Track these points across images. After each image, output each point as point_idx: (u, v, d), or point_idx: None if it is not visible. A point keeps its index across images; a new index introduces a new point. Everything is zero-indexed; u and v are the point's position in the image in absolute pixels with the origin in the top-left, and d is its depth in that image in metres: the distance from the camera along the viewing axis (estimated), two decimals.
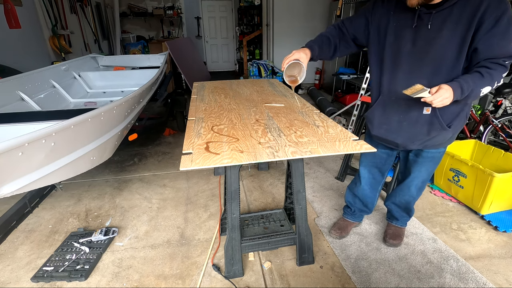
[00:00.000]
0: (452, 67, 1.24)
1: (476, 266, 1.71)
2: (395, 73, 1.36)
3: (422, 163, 1.58)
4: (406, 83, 1.30)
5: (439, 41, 1.22)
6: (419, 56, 1.28)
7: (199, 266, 1.73)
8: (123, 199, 2.43)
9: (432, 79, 1.27)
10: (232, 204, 1.50)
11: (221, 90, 2.44)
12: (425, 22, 1.23)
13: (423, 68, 1.28)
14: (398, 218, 1.89)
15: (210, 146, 1.32)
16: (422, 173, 1.61)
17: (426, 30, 1.23)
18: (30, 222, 2.14)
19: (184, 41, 5.62)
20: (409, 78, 1.31)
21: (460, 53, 1.20)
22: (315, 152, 1.24)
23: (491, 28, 1.12)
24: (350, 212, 1.98)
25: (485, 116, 2.95)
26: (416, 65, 1.29)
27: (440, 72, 1.26)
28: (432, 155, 1.54)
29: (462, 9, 1.15)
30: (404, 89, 1.22)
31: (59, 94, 2.94)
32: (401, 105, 1.39)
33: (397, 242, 1.86)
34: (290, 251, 1.83)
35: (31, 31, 3.82)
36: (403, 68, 1.33)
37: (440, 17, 1.20)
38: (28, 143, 1.34)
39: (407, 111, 1.38)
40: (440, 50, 1.23)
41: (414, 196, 1.74)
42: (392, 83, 1.39)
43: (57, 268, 1.69)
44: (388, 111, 1.45)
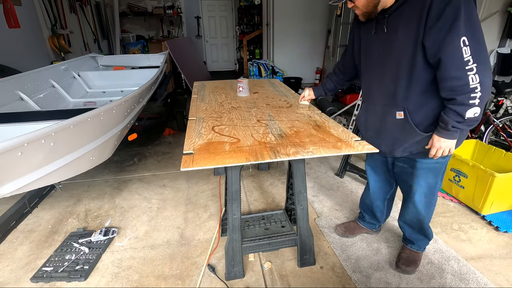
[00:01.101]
0: (410, 68, 1.21)
1: (477, 267, 1.71)
2: (370, 80, 1.42)
3: (419, 175, 1.46)
4: (379, 88, 1.37)
5: (395, 43, 1.22)
6: (383, 61, 1.30)
7: (199, 267, 1.72)
8: (123, 199, 2.42)
9: (397, 82, 1.27)
10: (233, 204, 1.50)
11: (222, 89, 2.44)
12: (382, 27, 1.25)
13: (389, 72, 1.30)
14: (414, 242, 1.70)
15: (211, 146, 1.31)
16: (422, 186, 1.48)
17: (384, 34, 1.25)
18: (30, 222, 2.14)
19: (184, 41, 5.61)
20: (380, 83, 1.35)
21: (415, 52, 1.17)
22: (317, 152, 1.24)
23: (435, 22, 1.06)
24: (361, 217, 1.95)
25: (486, 116, 2.94)
26: (383, 70, 1.32)
27: (402, 75, 1.24)
28: (427, 166, 1.42)
29: (412, 6, 1.13)
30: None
31: (59, 94, 2.93)
32: (379, 111, 1.41)
33: (410, 269, 1.64)
34: (291, 251, 1.82)
35: (30, 31, 3.81)
36: (374, 75, 1.38)
37: (394, 19, 1.20)
38: (28, 143, 1.33)
39: (384, 116, 1.39)
40: (398, 52, 1.22)
41: (423, 214, 1.55)
42: (369, 89, 1.45)
43: (57, 269, 1.68)
44: (370, 117, 1.48)
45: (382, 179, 1.72)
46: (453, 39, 1.05)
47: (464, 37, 1.03)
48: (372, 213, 1.86)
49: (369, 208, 1.86)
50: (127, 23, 7.21)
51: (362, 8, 1.24)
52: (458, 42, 1.04)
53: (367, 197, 1.84)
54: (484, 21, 3.27)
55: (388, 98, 1.34)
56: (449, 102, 1.16)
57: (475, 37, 1.05)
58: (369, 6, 1.22)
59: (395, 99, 1.31)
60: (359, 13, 1.28)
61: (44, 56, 4.10)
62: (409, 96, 1.26)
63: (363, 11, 1.25)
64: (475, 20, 1.05)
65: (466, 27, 1.03)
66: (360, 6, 1.24)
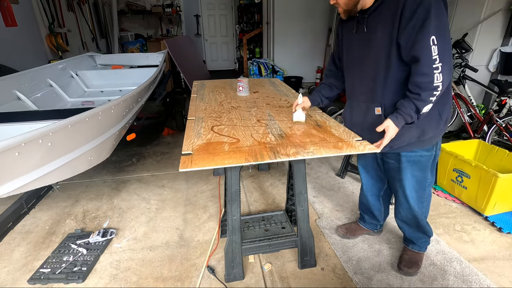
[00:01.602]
0: (386, 67, 1.28)
1: (480, 268, 1.71)
2: (352, 78, 1.49)
3: (405, 168, 1.49)
4: (360, 86, 1.43)
5: (374, 43, 1.28)
6: (363, 59, 1.36)
7: (198, 268, 1.72)
8: (121, 200, 2.42)
9: (375, 80, 1.34)
10: (232, 205, 1.50)
11: (222, 89, 2.44)
12: (362, 26, 1.31)
13: (368, 71, 1.36)
14: (415, 241, 1.71)
15: (210, 146, 1.31)
16: (410, 180, 1.51)
17: (364, 33, 1.31)
18: (27, 223, 2.14)
19: (183, 40, 5.61)
20: (361, 81, 1.41)
21: (390, 51, 1.23)
22: (318, 152, 1.24)
23: (408, 21, 1.13)
24: (361, 218, 1.97)
25: (489, 115, 2.94)
26: (363, 68, 1.38)
27: (380, 73, 1.31)
28: (412, 159, 1.46)
29: (388, 6, 1.19)
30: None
31: (56, 93, 2.93)
32: (361, 108, 1.47)
33: (413, 270, 1.65)
34: (291, 253, 1.82)
35: (27, 29, 3.81)
36: (356, 73, 1.44)
37: (372, 19, 1.26)
38: (25, 143, 1.33)
39: (365, 112, 1.44)
40: (376, 51, 1.29)
41: (416, 210, 1.57)
42: (351, 87, 1.51)
43: (54, 270, 1.68)
44: (354, 114, 1.53)
45: (373, 176, 1.76)
46: (424, 37, 1.11)
47: (433, 36, 1.10)
48: (370, 213, 1.88)
49: (366, 207, 1.88)
50: (125, 22, 7.21)
51: (342, 5, 1.30)
52: (428, 40, 1.11)
53: (363, 197, 1.87)
54: (487, 20, 3.27)
55: (368, 95, 1.41)
56: (412, 95, 1.22)
57: (443, 37, 1.12)
58: (349, 4, 1.28)
59: (374, 96, 1.38)
60: (340, 11, 1.34)
61: (42, 55, 4.09)
62: (385, 93, 1.34)
63: (344, 8, 1.31)
64: (444, 22, 1.13)
65: (435, 27, 1.10)
66: (341, 3, 1.30)
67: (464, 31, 3.32)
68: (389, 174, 1.63)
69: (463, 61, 3.16)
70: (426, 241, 1.71)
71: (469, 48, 3.22)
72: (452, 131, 3.56)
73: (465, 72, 3.21)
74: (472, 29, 3.35)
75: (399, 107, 1.27)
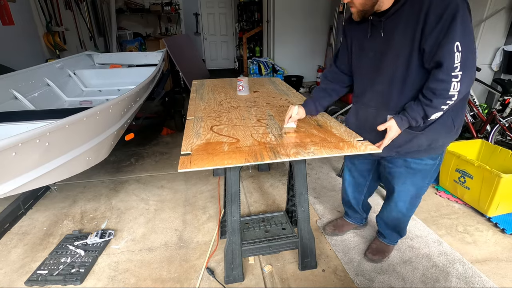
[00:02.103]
0: (405, 72, 1.24)
1: (483, 270, 1.71)
2: (363, 82, 1.44)
3: (406, 175, 1.48)
4: (372, 91, 1.39)
5: (392, 48, 1.24)
6: (377, 64, 1.32)
7: (198, 270, 1.72)
8: (120, 200, 2.42)
9: (392, 86, 1.30)
10: (232, 206, 1.50)
11: (221, 88, 2.44)
12: (378, 30, 1.26)
13: (382, 76, 1.32)
14: (386, 236, 1.79)
15: (209, 146, 1.31)
16: (407, 186, 1.50)
17: (380, 38, 1.27)
18: (24, 225, 2.14)
19: (182, 38, 5.61)
20: (374, 86, 1.38)
21: (411, 56, 1.19)
22: (318, 153, 1.24)
23: (434, 26, 1.09)
24: (346, 213, 2.02)
25: (492, 115, 2.94)
26: (377, 73, 1.34)
27: (397, 79, 1.27)
28: (416, 166, 1.44)
29: (409, 10, 1.15)
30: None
31: (54, 93, 2.93)
32: (370, 113, 1.44)
33: (377, 257, 1.74)
34: (291, 254, 1.82)
35: (24, 28, 3.81)
36: (367, 77, 1.40)
37: (390, 23, 1.21)
38: (22, 143, 1.33)
39: (375, 118, 1.41)
40: (394, 56, 1.25)
41: (404, 213, 1.60)
42: (361, 91, 1.47)
43: (52, 272, 1.68)
44: (361, 118, 1.50)
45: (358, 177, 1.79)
46: (448, 42, 1.07)
47: (457, 42, 1.06)
48: (352, 207, 1.92)
49: (348, 203, 1.92)
50: (124, 20, 7.21)
51: (358, 6, 1.23)
52: (452, 46, 1.07)
53: (344, 192, 1.91)
54: (490, 18, 3.27)
55: (381, 101, 1.37)
56: (424, 100, 1.19)
57: (468, 44, 1.07)
58: (367, 4, 1.21)
59: (388, 102, 1.34)
60: (354, 11, 1.28)
61: (39, 54, 4.10)
62: (402, 100, 1.30)
63: (359, 9, 1.24)
64: (469, 28, 1.09)
65: (461, 31, 1.06)
66: (357, 4, 1.23)
67: None
68: (386, 178, 1.61)
69: None
70: (397, 238, 1.80)
71: None
72: None
73: None
74: (475, 28, 3.35)
75: (407, 109, 1.25)
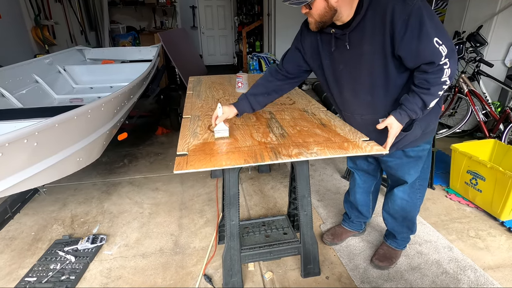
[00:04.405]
0: (385, 78, 1.30)
1: (496, 277, 1.71)
2: (342, 92, 1.46)
3: (407, 164, 1.55)
4: (353, 100, 1.44)
5: (363, 58, 1.28)
6: (353, 74, 1.36)
7: (195, 277, 1.73)
8: (112, 204, 2.43)
9: (374, 93, 1.35)
10: (230, 210, 1.50)
11: (219, 85, 2.44)
12: (343, 43, 1.30)
13: (362, 85, 1.36)
14: (396, 235, 1.78)
15: (207, 146, 1.31)
16: (411, 176, 1.57)
17: (347, 50, 1.30)
18: (11, 229, 2.14)
19: (178, 32, 5.62)
20: (355, 95, 1.41)
21: (387, 63, 1.25)
22: (322, 153, 1.24)
23: (404, 33, 1.15)
24: (347, 219, 2.00)
25: (505, 113, 2.94)
26: (355, 82, 1.37)
27: (378, 86, 1.33)
28: (416, 154, 1.51)
29: (372, 21, 1.20)
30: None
31: (43, 90, 2.93)
32: (358, 121, 1.49)
33: (384, 264, 1.75)
34: (294, 260, 1.82)
35: (12, 22, 3.81)
36: (346, 87, 1.42)
37: (356, 35, 1.26)
38: (9, 143, 1.33)
39: (365, 125, 1.46)
40: (368, 66, 1.29)
41: (407, 200, 1.63)
42: (343, 101, 1.50)
43: (41, 279, 1.69)
44: (352, 125, 1.54)
45: (366, 173, 1.81)
46: (427, 44, 1.14)
47: (436, 38, 1.13)
48: (357, 211, 1.92)
49: (353, 206, 1.92)
50: (116, 13, 7.22)
51: (316, 17, 1.24)
52: (433, 45, 1.14)
53: (350, 195, 1.92)
54: (503, 11, 3.27)
55: (367, 109, 1.42)
56: (420, 90, 1.23)
57: (443, 35, 1.15)
58: (325, 16, 1.23)
59: (375, 109, 1.40)
60: (312, 21, 1.28)
61: (27, 49, 4.10)
62: (388, 103, 1.36)
63: (317, 20, 1.26)
64: (436, 19, 1.16)
65: (432, 28, 1.13)
66: (315, 15, 1.24)
67: (479, 23, 3.32)
68: (387, 171, 1.68)
69: (477, 56, 3.16)
70: (407, 237, 1.80)
71: (484, 41, 3.22)
72: (466, 130, 3.56)
73: (479, 67, 3.21)
74: (487, 21, 3.35)
75: (404, 102, 1.27)
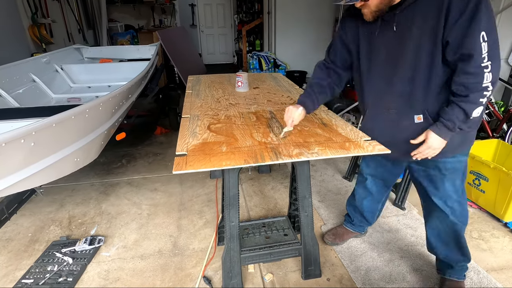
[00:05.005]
0: (429, 67, 1.22)
1: (499, 279, 1.71)
2: (376, 84, 1.40)
3: (444, 177, 1.42)
4: (390, 92, 1.35)
5: (409, 42, 1.21)
6: (393, 62, 1.29)
7: (194, 279, 1.73)
8: (110, 204, 2.43)
9: (414, 84, 1.27)
10: (230, 211, 1.50)
11: (219, 84, 2.44)
12: (390, 25, 1.24)
13: (400, 74, 1.29)
14: (453, 265, 1.60)
15: (206, 147, 1.31)
16: (449, 189, 1.44)
17: (393, 33, 1.24)
18: (8, 230, 2.14)
19: (177, 31, 5.62)
20: (392, 86, 1.33)
21: (434, 50, 1.18)
22: (323, 153, 1.24)
23: (458, 18, 1.09)
24: (349, 220, 1.99)
25: (509, 113, 2.94)
26: (395, 71, 1.30)
27: (420, 76, 1.25)
28: (453, 166, 1.39)
29: (428, 2, 1.14)
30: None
31: (40, 89, 2.93)
32: (391, 117, 1.39)
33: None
34: (294, 262, 1.82)
35: (8, 20, 3.81)
36: (382, 75, 1.36)
37: (405, 16, 1.19)
38: (5, 143, 1.33)
39: (398, 122, 1.37)
40: (413, 51, 1.22)
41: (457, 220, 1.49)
42: (375, 94, 1.42)
43: (38, 281, 1.68)
44: (379, 125, 1.45)
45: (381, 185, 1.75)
46: (474, 33, 1.08)
47: (483, 32, 1.07)
48: (361, 216, 1.90)
49: (358, 210, 1.89)
50: (114, 12, 7.21)
51: (373, 8, 1.21)
52: (478, 37, 1.08)
53: (355, 201, 1.88)
54: (507, 9, 3.27)
55: (403, 101, 1.33)
56: (458, 99, 1.18)
57: (492, 33, 1.09)
58: (382, 3, 1.19)
59: (413, 102, 1.30)
60: (367, 12, 1.24)
61: (24, 48, 4.09)
62: (428, 97, 1.27)
63: (373, 10, 1.22)
64: (492, 18, 1.10)
65: (485, 21, 1.07)
66: (372, 6, 1.20)
67: None
68: (420, 184, 1.53)
69: None
70: (465, 265, 1.61)
71: None
72: None
73: None
74: None
75: (441, 114, 1.22)
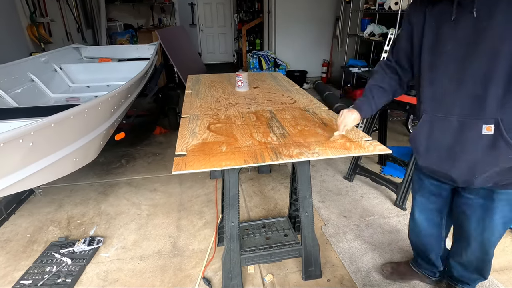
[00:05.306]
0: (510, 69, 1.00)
1: (501, 280, 1.71)
2: (440, 82, 1.16)
3: (494, 209, 1.22)
4: (456, 94, 1.12)
5: (491, 32, 1.00)
6: (466, 56, 1.07)
7: (193, 280, 1.73)
8: (109, 205, 2.42)
9: (489, 85, 1.04)
10: (230, 211, 1.50)
11: (219, 84, 2.44)
12: (468, 10, 1.02)
13: (475, 72, 1.06)
14: (469, 282, 1.52)
15: (206, 147, 1.31)
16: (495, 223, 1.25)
17: (471, 20, 1.02)
18: (6, 231, 2.14)
19: (177, 30, 5.62)
20: (459, 86, 1.11)
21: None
22: (323, 153, 1.24)
23: None
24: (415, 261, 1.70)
25: None
26: (465, 68, 1.08)
27: (498, 76, 1.02)
28: (508, 197, 1.19)
29: None
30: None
31: (38, 89, 2.93)
32: (453, 125, 1.15)
33: None
34: (294, 263, 1.82)
35: (7, 19, 3.81)
36: (449, 76, 1.13)
37: (487, 1, 0.99)
38: (4, 143, 1.33)
39: (461, 131, 1.13)
40: (493, 44, 1.00)
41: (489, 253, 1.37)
42: (438, 95, 1.18)
43: (36, 282, 1.68)
44: (436, 133, 1.21)
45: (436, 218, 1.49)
46: None
47: None
48: (425, 256, 1.61)
49: (420, 249, 1.61)
50: (114, 11, 7.21)
51: None
52: None
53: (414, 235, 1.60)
54: None
55: (472, 106, 1.09)
56: None
57: None
58: None
59: (484, 108, 1.07)
60: None
61: (22, 47, 4.09)
62: (505, 105, 1.05)
63: None
64: None
65: None
66: None
67: None
68: (462, 211, 1.33)
69: None
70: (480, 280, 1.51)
71: None
72: None
73: None
74: None
75: None
